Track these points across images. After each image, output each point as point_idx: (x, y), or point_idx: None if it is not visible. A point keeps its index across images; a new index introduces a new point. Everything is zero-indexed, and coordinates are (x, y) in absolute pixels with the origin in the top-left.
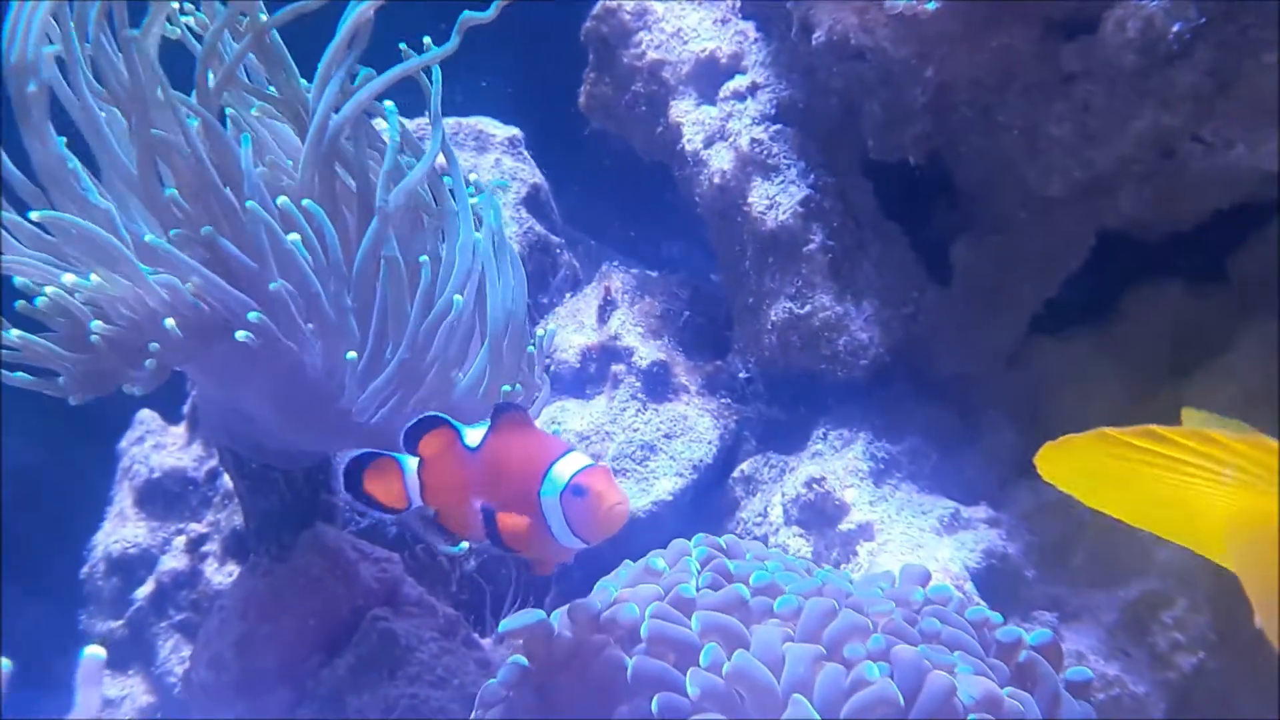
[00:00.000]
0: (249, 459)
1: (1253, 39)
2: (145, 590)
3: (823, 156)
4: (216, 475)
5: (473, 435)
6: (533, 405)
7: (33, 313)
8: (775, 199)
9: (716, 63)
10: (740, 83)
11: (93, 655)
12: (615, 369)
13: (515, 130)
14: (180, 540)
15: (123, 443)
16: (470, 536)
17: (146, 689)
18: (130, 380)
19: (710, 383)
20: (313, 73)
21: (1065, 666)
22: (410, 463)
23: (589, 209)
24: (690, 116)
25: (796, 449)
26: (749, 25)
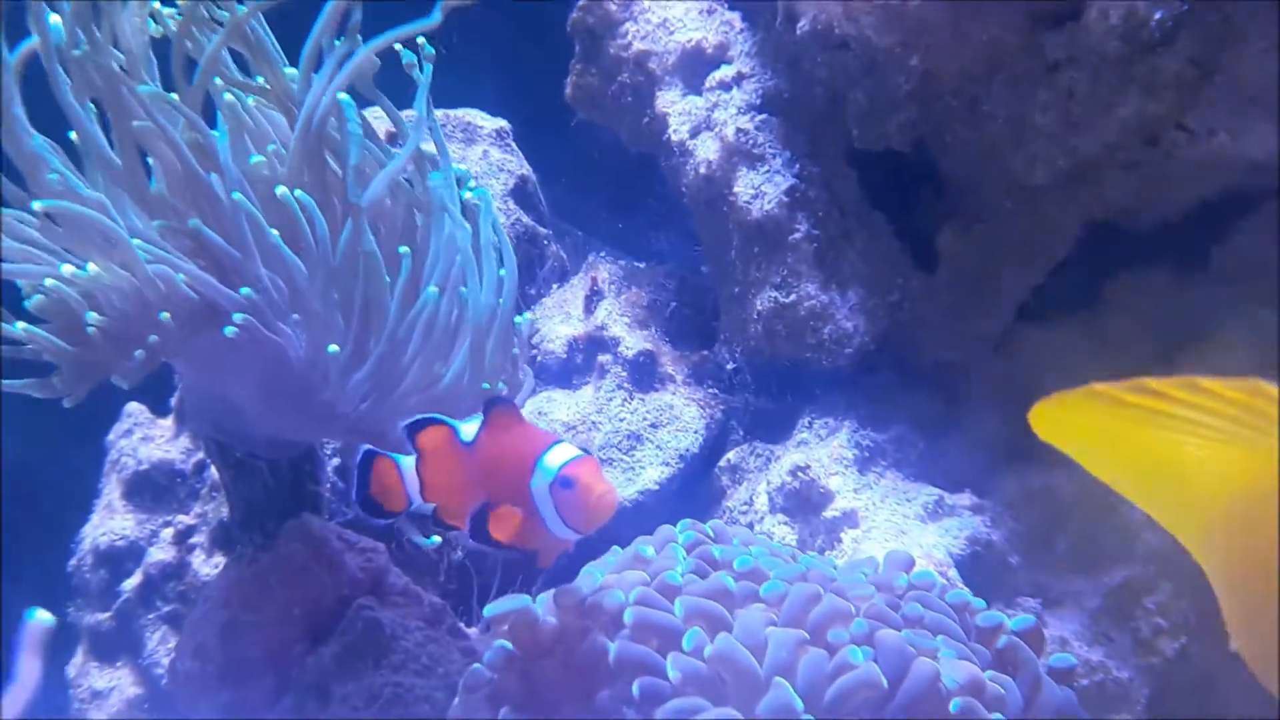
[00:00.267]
0: (234, 448)
1: (1235, 26)
2: (133, 582)
3: (808, 146)
4: (204, 467)
5: (468, 429)
6: (515, 399)
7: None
8: (761, 188)
9: (702, 53)
10: (726, 73)
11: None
12: (602, 359)
13: (503, 122)
14: (168, 532)
15: (111, 435)
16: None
17: (134, 680)
18: (122, 371)
19: (697, 372)
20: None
21: (1049, 653)
22: (408, 462)
23: (578, 201)
24: (676, 107)
25: (782, 438)
26: (735, 15)
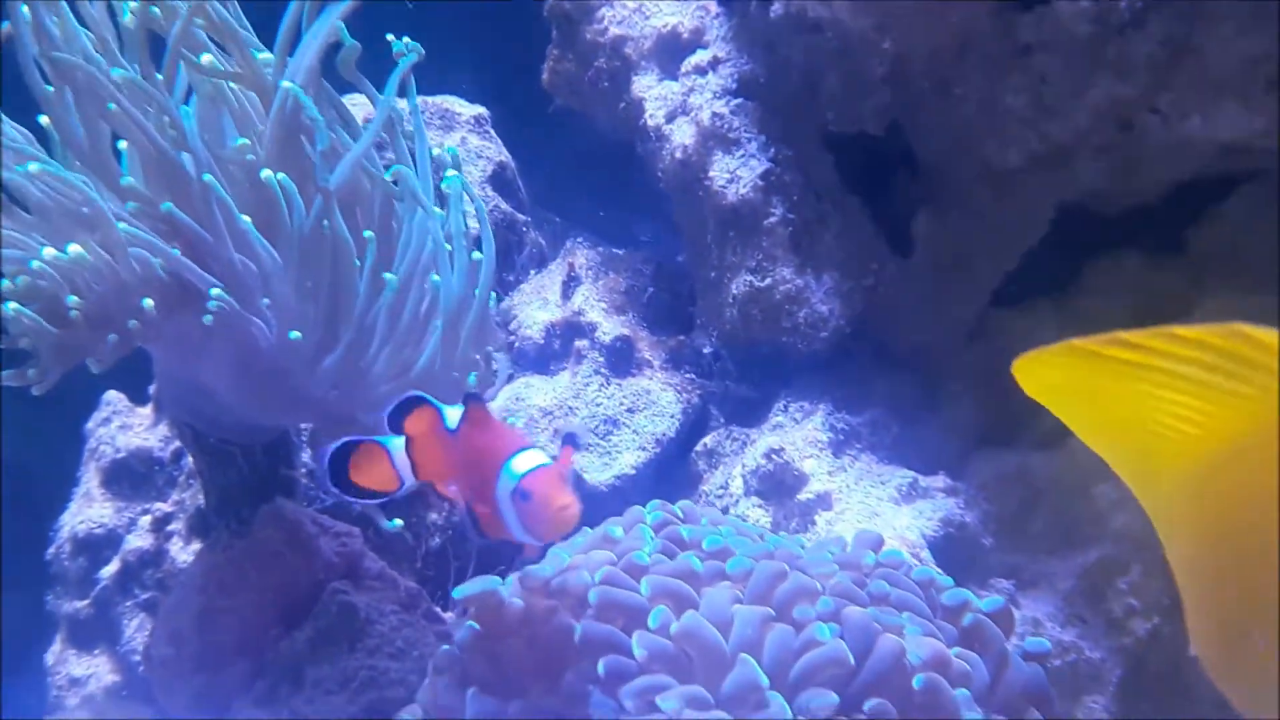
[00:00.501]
0: (207, 434)
1: (1206, 9)
2: (110, 570)
3: (784, 130)
4: (182, 455)
5: (452, 415)
6: (490, 389)
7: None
8: (736, 173)
9: (678, 38)
10: (702, 57)
11: None
12: (579, 344)
13: (481, 109)
14: (146, 520)
15: (90, 424)
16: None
17: (112, 668)
18: (98, 354)
19: (674, 357)
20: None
21: (1023, 634)
22: (397, 443)
23: (557, 188)
24: (652, 92)
25: (759, 422)
26: (711, 0)
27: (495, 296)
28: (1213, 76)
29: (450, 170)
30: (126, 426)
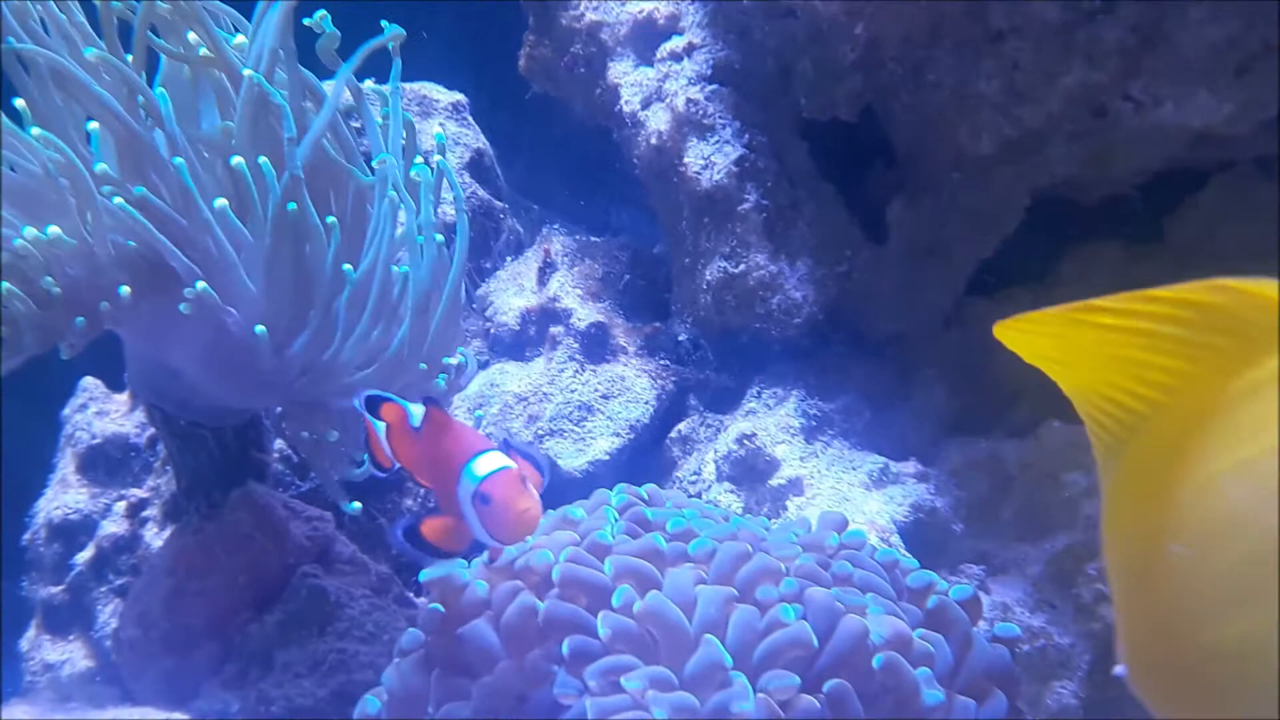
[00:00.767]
0: (178, 416)
1: None
2: (86, 555)
3: (758, 116)
4: (158, 441)
5: (417, 412)
6: (462, 378)
7: None
8: (710, 159)
9: (654, 23)
10: (677, 44)
11: None
12: (554, 331)
13: (459, 96)
14: (121, 505)
15: (66, 410)
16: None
17: (86, 653)
18: (70, 337)
19: (649, 344)
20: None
21: (993, 620)
22: (380, 426)
23: (537, 176)
24: (628, 78)
25: (733, 408)
26: None
27: (468, 285)
28: (1183, 64)
29: (418, 159)
30: (103, 413)
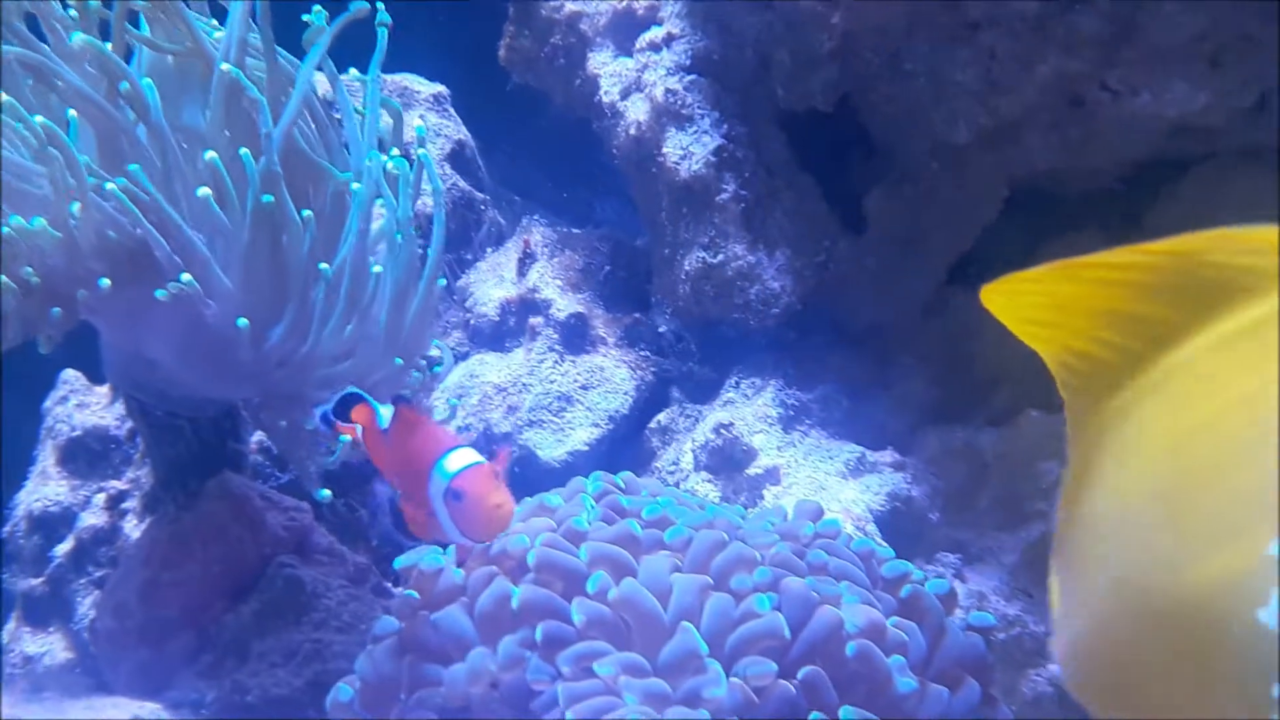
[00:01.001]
0: (154, 406)
1: None
2: (65, 548)
3: (737, 107)
4: (139, 433)
5: (386, 414)
6: (441, 371)
7: None
8: (689, 149)
9: (634, 14)
10: (656, 34)
11: None
12: (533, 321)
13: (441, 87)
14: (100, 497)
15: (47, 403)
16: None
17: (66, 645)
18: (47, 328)
19: (629, 335)
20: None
21: (968, 609)
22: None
23: (521, 169)
24: (608, 69)
25: (712, 398)
26: None
27: (448, 277)
28: (1159, 53)
29: (394, 150)
30: (84, 405)
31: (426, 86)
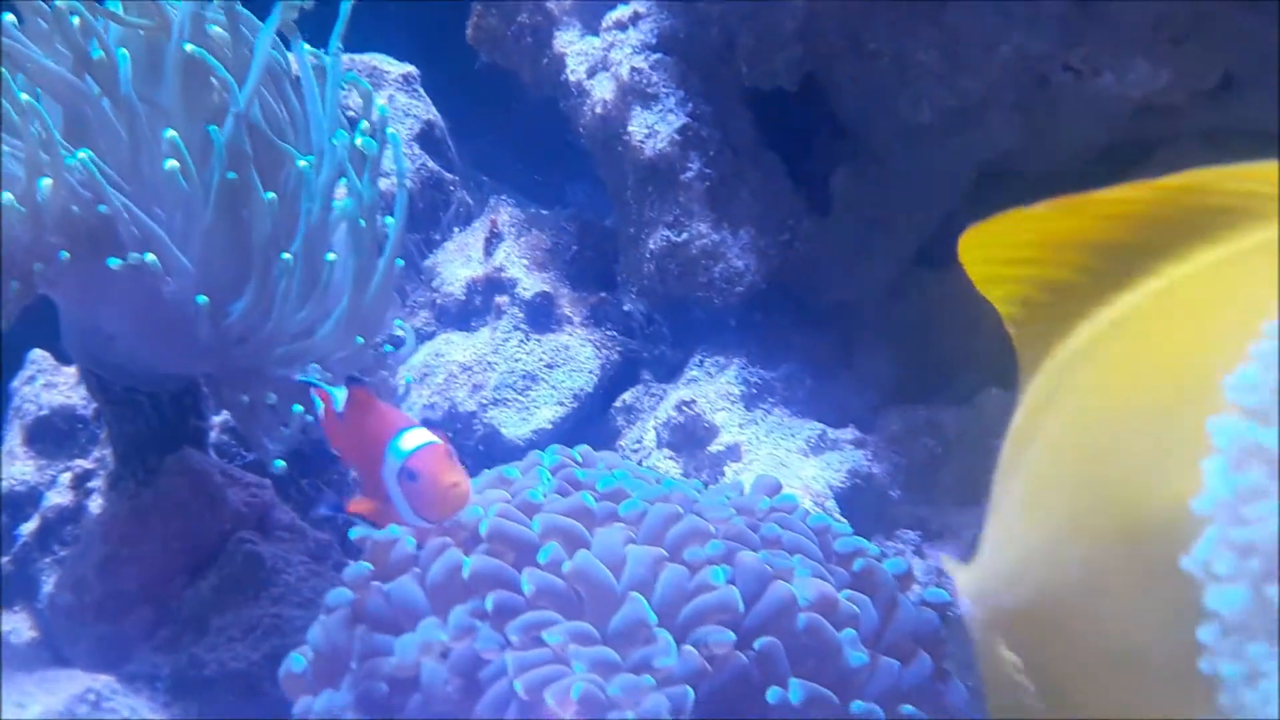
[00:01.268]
0: (113, 382)
1: None
2: (30, 527)
3: (703, 86)
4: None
5: (342, 397)
6: (403, 351)
7: None
8: (654, 127)
9: None
10: (623, 13)
11: None
12: (499, 300)
13: (410, 68)
14: (66, 477)
15: (15, 383)
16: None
17: (30, 624)
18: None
19: (595, 314)
20: None
21: (927, 584)
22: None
23: (494, 150)
24: (574, 47)
25: (678, 377)
26: None
27: (415, 257)
28: (1122, 33)
29: (364, 124)
30: (51, 384)
31: (396, 67)
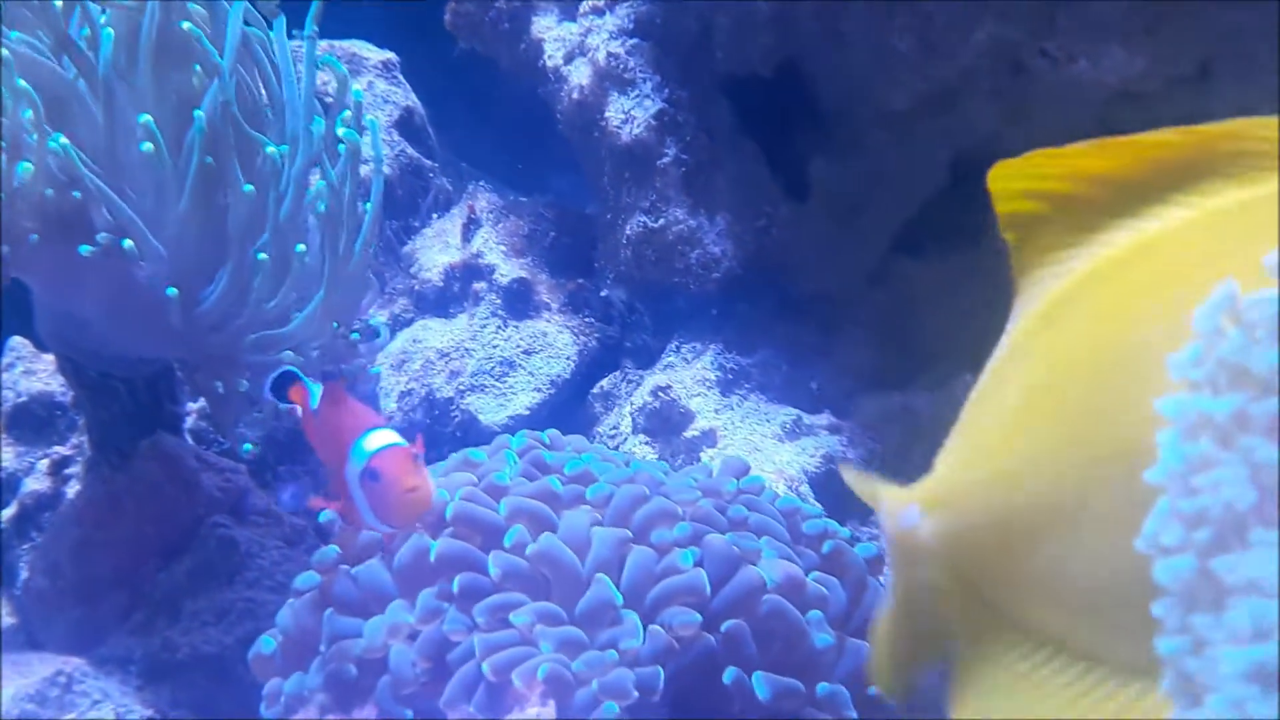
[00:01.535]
0: (87, 367)
1: None
2: (8, 513)
3: (680, 72)
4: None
5: (317, 393)
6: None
7: None
8: (631, 113)
9: None
10: None
11: None
12: (477, 287)
13: (390, 54)
14: (44, 463)
15: None
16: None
17: (9, 611)
18: None
19: (572, 300)
20: None
21: None
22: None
23: (475, 138)
24: (551, 33)
25: (654, 363)
26: None
27: (394, 244)
28: (1096, 20)
29: (346, 115)
30: (30, 372)
31: (375, 53)
